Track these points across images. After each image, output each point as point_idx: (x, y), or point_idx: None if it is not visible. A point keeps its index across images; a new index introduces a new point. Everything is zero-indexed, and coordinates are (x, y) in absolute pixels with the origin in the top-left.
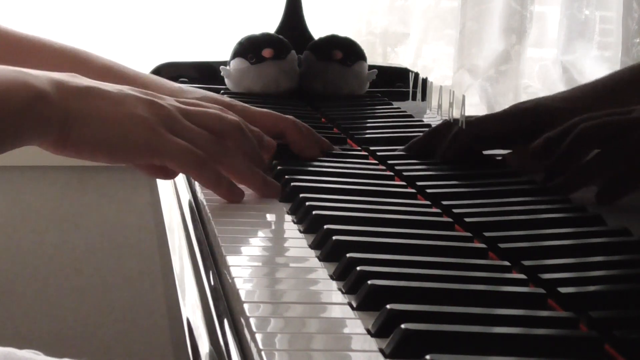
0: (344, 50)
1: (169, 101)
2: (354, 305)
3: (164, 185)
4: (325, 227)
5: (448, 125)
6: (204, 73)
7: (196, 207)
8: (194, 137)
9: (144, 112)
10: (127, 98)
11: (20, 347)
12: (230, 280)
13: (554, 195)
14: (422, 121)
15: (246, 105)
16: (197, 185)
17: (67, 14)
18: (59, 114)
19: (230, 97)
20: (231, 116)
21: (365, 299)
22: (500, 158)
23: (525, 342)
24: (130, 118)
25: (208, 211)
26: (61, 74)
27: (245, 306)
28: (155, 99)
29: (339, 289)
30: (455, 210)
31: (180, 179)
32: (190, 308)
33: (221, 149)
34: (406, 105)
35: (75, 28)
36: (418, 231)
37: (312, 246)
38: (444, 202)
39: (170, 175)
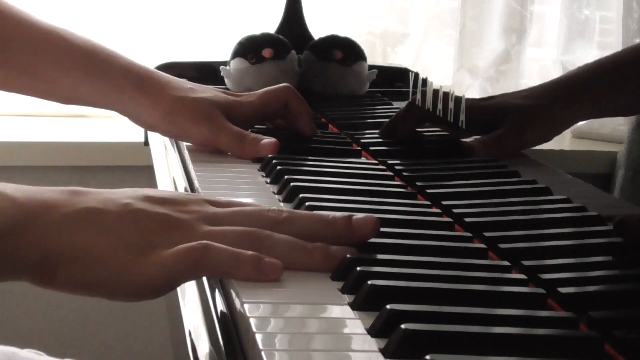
0: (344, 50)
1: (192, 208)
2: (354, 305)
3: (162, 180)
4: None
5: (411, 104)
6: (204, 73)
7: None
8: (216, 240)
9: (149, 237)
10: (129, 217)
11: (21, 347)
12: (230, 281)
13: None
14: None
15: (247, 99)
16: (195, 181)
17: (67, 14)
18: (39, 253)
19: None
20: (272, 209)
21: (365, 299)
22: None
23: (525, 342)
24: (127, 246)
25: None
26: (48, 192)
27: (245, 306)
28: (173, 215)
29: (339, 289)
30: (455, 210)
31: (179, 175)
32: (190, 308)
33: (256, 243)
34: None
35: (75, 28)
36: (418, 231)
37: None
38: (444, 202)
39: None
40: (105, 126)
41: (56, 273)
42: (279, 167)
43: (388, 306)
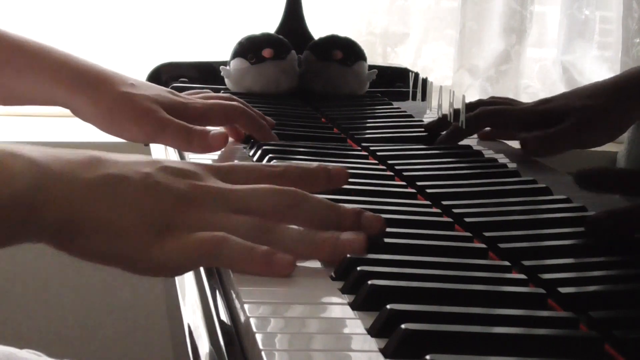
0: (344, 50)
1: (207, 182)
2: (354, 305)
3: None
4: None
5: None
6: (204, 73)
7: None
8: (229, 230)
9: (168, 214)
10: (149, 190)
11: (21, 347)
12: (230, 281)
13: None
14: (422, 121)
15: (193, 100)
16: None
17: (67, 14)
18: (59, 217)
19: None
20: (285, 190)
21: (366, 299)
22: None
23: (525, 342)
24: (148, 224)
25: None
26: (67, 154)
27: (245, 306)
28: (191, 193)
29: (339, 289)
30: (455, 210)
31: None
32: (190, 308)
33: (266, 236)
34: (406, 105)
35: (75, 28)
36: (418, 231)
37: None
38: (444, 202)
39: None
40: None
41: (75, 240)
42: None
43: (388, 306)
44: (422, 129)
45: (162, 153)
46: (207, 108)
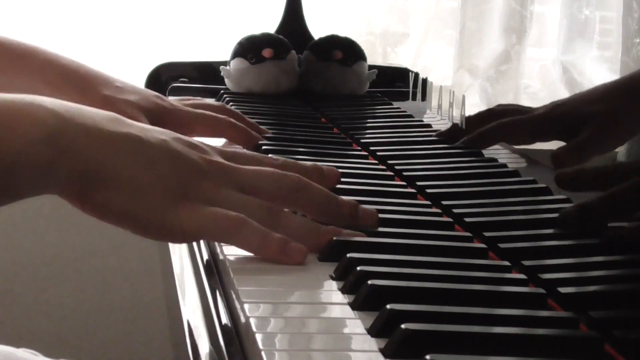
0: (344, 50)
1: (215, 158)
2: (354, 305)
3: None
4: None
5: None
6: (204, 73)
7: None
8: (239, 208)
9: (184, 182)
10: (167, 155)
11: (20, 347)
12: (230, 281)
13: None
14: (422, 121)
15: (179, 107)
16: None
17: (67, 14)
18: (79, 168)
19: (230, 97)
20: (289, 174)
21: (365, 299)
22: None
23: (525, 342)
24: (165, 188)
25: None
26: (89, 110)
27: (245, 306)
28: (204, 166)
29: (339, 289)
30: (455, 210)
31: None
32: (190, 308)
33: (273, 219)
34: (406, 105)
35: (75, 29)
36: (418, 231)
37: None
38: (444, 202)
39: None
40: None
41: (93, 194)
42: None
43: (388, 306)
44: (422, 130)
45: None
46: (192, 117)
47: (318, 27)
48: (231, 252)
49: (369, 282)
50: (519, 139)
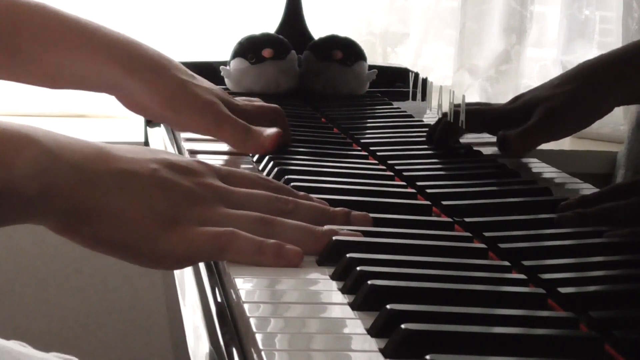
0: (344, 50)
1: (208, 180)
2: (354, 305)
3: None
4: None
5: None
6: (204, 73)
7: None
8: (231, 224)
9: (175, 208)
10: (156, 184)
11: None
12: (230, 281)
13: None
14: (422, 121)
15: (240, 102)
16: None
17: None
18: (65, 204)
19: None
20: (281, 197)
21: (365, 299)
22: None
23: (525, 342)
24: (154, 216)
25: None
26: (77, 144)
27: (245, 306)
28: (196, 191)
29: (339, 289)
30: (455, 211)
31: None
32: (190, 308)
33: (267, 229)
34: (406, 105)
35: None
36: (418, 231)
37: None
38: (444, 202)
39: None
40: (105, 126)
41: (82, 228)
42: (278, 167)
43: (388, 306)
44: (422, 130)
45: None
46: (257, 109)
47: (318, 27)
48: None
49: (369, 282)
50: (484, 128)
